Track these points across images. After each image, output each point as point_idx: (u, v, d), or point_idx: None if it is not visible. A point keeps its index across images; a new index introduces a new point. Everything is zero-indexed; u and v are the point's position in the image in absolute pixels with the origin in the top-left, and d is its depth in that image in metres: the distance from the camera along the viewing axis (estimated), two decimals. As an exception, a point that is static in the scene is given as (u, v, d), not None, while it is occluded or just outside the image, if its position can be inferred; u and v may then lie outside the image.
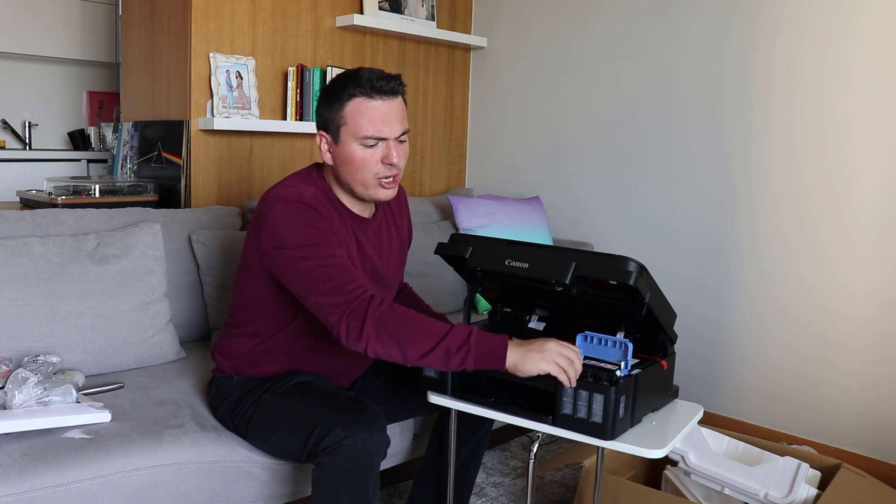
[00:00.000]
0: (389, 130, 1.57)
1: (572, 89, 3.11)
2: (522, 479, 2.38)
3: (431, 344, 1.39)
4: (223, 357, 1.74)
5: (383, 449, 1.50)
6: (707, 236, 2.74)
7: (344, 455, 1.43)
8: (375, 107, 1.55)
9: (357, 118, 1.55)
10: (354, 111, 1.55)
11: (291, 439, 1.57)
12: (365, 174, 1.58)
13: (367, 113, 1.55)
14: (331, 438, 1.45)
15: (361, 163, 1.57)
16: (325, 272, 1.47)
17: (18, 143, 4.28)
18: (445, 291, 2.72)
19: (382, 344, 1.41)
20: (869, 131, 2.36)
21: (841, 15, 2.39)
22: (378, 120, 1.55)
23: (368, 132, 1.55)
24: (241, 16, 2.68)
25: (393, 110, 1.57)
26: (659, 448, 1.37)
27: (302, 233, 1.52)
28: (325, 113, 1.60)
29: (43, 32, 4.07)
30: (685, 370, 2.61)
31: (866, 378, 2.41)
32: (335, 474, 1.44)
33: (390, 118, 1.56)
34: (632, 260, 1.38)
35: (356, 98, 1.55)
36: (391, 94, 1.57)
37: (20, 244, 1.89)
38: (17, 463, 1.45)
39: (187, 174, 2.62)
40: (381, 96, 1.55)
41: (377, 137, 1.56)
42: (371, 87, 1.54)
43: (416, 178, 3.38)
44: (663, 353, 1.53)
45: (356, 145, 1.56)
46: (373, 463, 1.47)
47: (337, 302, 1.44)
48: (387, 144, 1.58)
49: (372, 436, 1.46)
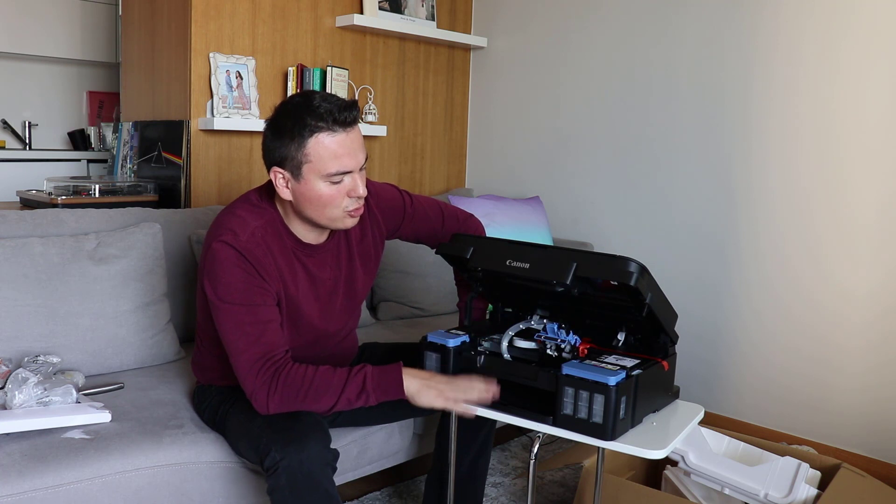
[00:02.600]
0: (354, 163, 1.50)
1: (572, 89, 3.11)
2: (522, 479, 2.38)
3: (333, 400, 1.48)
4: (197, 369, 1.79)
5: (327, 464, 1.47)
6: (707, 236, 2.74)
7: (284, 476, 1.43)
8: (339, 141, 1.47)
9: (322, 155, 1.46)
10: (318, 148, 1.46)
11: (248, 455, 1.60)
12: (333, 210, 1.52)
13: (332, 149, 1.47)
14: (269, 460, 1.44)
15: (329, 199, 1.50)
16: (240, 337, 1.49)
17: (18, 143, 4.28)
18: (445, 291, 2.72)
19: (289, 408, 1.49)
20: (869, 131, 2.36)
21: (841, 15, 2.39)
22: (344, 155, 1.48)
23: (335, 169, 1.48)
24: (241, 16, 2.68)
25: (356, 140, 1.51)
26: (659, 448, 1.37)
27: (227, 288, 1.50)
28: (280, 149, 1.49)
29: (43, 32, 4.07)
30: (685, 370, 2.61)
31: (866, 378, 2.41)
32: (282, 494, 1.44)
33: (354, 150, 1.50)
34: (633, 260, 1.38)
35: (319, 134, 1.46)
36: (352, 124, 1.50)
37: (20, 244, 1.88)
38: (17, 463, 1.45)
39: (187, 174, 2.62)
40: (343, 128, 1.47)
41: (343, 172, 1.49)
42: (333, 119, 1.46)
43: (416, 178, 3.38)
44: (664, 353, 1.53)
45: (322, 183, 1.49)
46: (316, 480, 1.44)
47: (245, 371, 1.49)
48: (352, 177, 1.51)
49: (308, 454, 1.43)
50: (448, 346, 1.56)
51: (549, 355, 1.56)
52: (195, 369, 1.80)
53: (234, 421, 1.64)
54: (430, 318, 2.70)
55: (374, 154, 3.21)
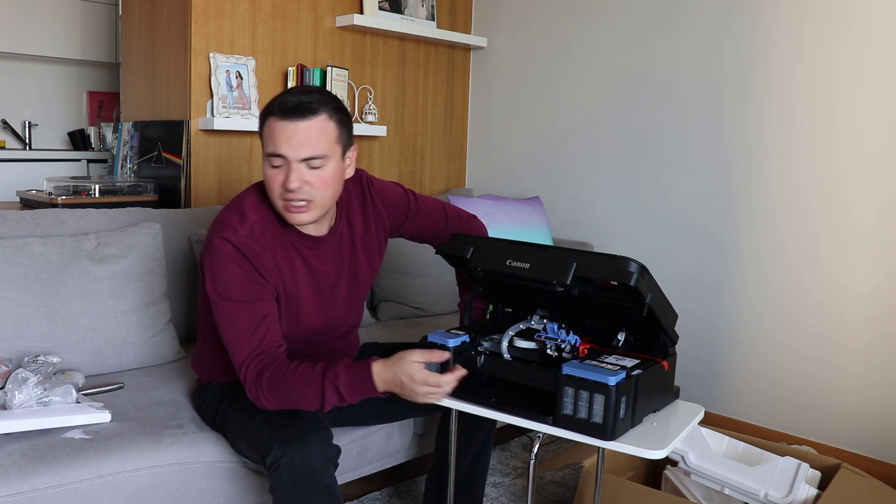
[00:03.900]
0: (290, 151, 1.49)
1: (572, 89, 3.11)
2: (522, 479, 2.38)
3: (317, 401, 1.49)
4: (198, 366, 1.80)
5: (329, 460, 1.48)
6: (707, 236, 2.74)
7: (286, 472, 1.44)
8: (280, 126, 1.50)
9: (265, 135, 1.54)
10: (266, 129, 1.54)
11: (250, 454, 1.60)
12: (273, 195, 1.55)
13: (272, 131, 1.51)
14: (271, 458, 1.45)
15: (269, 180, 1.54)
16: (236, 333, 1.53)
17: (18, 143, 4.28)
18: (445, 291, 2.72)
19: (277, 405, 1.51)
20: (869, 131, 2.36)
21: (841, 15, 2.39)
22: (280, 139, 1.50)
23: (269, 149, 1.52)
24: (241, 16, 2.68)
25: (301, 132, 1.49)
26: (659, 449, 1.37)
27: (225, 285, 1.53)
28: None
29: (43, 32, 4.07)
30: (685, 370, 2.61)
31: (866, 378, 2.41)
32: (284, 491, 1.45)
33: (296, 141, 1.49)
34: (633, 260, 1.38)
35: (269, 117, 1.53)
36: (301, 114, 1.49)
37: (20, 244, 1.88)
38: (17, 463, 1.45)
39: (187, 174, 2.62)
40: (287, 117, 1.49)
41: (276, 155, 1.51)
42: (281, 106, 1.51)
43: (416, 178, 3.39)
44: (664, 353, 1.53)
45: (265, 162, 1.55)
46: (318, 476, 1.45)
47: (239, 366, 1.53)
48: (287, 167, 1.51)
49: (310, 450, 1.44)
50: (448, 346, 1.56)
51: (549, 355, 1.56)
52: (196, 367, 1.81)
53: (234, 420, 1.64)
54: (430, 318, 2.70)
55: (374, 154, 3.21)
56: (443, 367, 1.55)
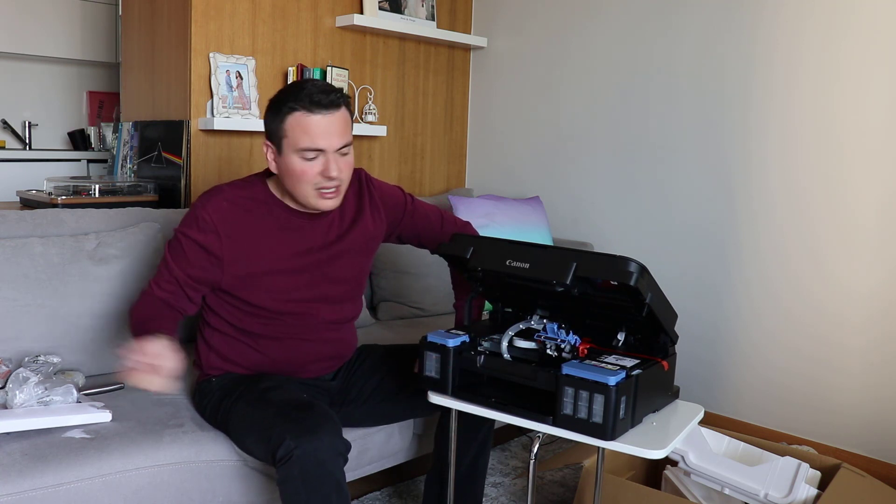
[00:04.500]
0: (327, 143, 1.59)
1: (572, 89, 3.11)
2: (522, 479, 2.38)
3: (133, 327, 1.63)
4: (199, 359, 1.81)
5: (339, 454, 1.49)
6: (707, 236, 2.74)
7: (298, 465, 1.44)
8: (314, 121, 1.58)
9: (296, 131, 1.58)
10: (294, 124, 1.58)
11: (257, 448, 1.60)
12: (305, 186, 1.63)
13: (306, 126, 1.58)
14: (283, 450, 1.46)
15: (301, 174, 1.61)
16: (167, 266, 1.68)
17: (18, 143, 4.28)
18: (445, 291, 2.71)
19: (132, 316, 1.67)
20: (869, 131, 2.36)
21: (841, 15, 2.39)
22: (316, 134, 1.58)
23: (306, 144, 1.58)
24: (241, 16, 2.68)
25: (333, 124, 1.60)
26: (659, 448, 1.37)
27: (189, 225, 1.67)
28: (269, 124, 1.64)
29: (43, 32, 4.07)
30: (685, 370, 2.61)
31: (866, 378, 2.41)
32: (294, 484, 1.46)
33: (329, 132, 1.59)
34: (633, 260, 1.38)
35: (296, 112, 1.58)
36: (330, 108, 1.59)
37: (20, 244, 1.88)
38: (18, 462, 1.45)
39: (187, 174, 2.62)
40: (319, 109, 1.58)
41: (315, 149, 1.59)
42: (310, 100, 1.57)
43: (416, 178, 3.39)
44: (664, 353, 1.53)
45: (296, 157, 1.60)
46: (328, 470, 1.46)
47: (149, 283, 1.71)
48: (325, 157, 1.60)
49: (321, 443, 1.46)
50: (448, 346, 1.56)
51: (549, 355, 1.56)
52: (196, 361, 1.82)
53: (239, 415, 1.64)
54: (430, 318, 2.70)
55: (375, 154, 3.21)
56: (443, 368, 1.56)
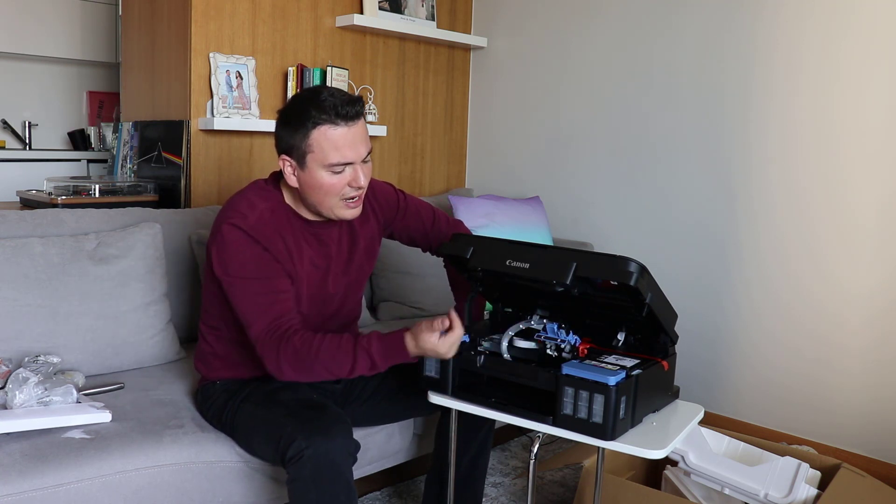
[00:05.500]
0: (356, 155, 1.57)
1: (572, 89, 3.11)
2: (522, 479, 2.38)
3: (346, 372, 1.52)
4: (202, 364, 1.80)
5: (350, 455, 1.50)
6: (707, 236, 2.74)
7: (309, 465, 1.45)
8: (341, 133, 1.54)
9: (323, 146, 1.54)
10: (320, 139, 1.54)
11: (265, 448, 1.61)
12: (332, 199, 1.60)
13: (334, 140, 1.54)
14: (294, 449, 1.46)
15: (329, 188, 1.58)
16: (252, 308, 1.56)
17: (18, 143, 4.28)
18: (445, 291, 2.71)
19: (299, 375, 1.54)
20: (869, 131, 2.36)
21: (841, 15, 2.39)
22: (345, 146, 1.55)
23: (335, 160, 1.55)
24: (241, 16, 2.68)
25: (358, 134, 1.57)
26: (659, 448, 1.37)
27: (240, 266, 1.57)
28: (287, 139, 1.58)
29: (43, 32, 4.07)
30: (685, 370, 2.61)
31: (866, 378, 2.41)
32: (304, 484, 1.46)
33: (356, 143, 1.56)
34: (633, 260, 1.38)
35: (321, 126, 1.53)
36: (355, 118, 1.56)
37: (20, 244, 1.88)
38: (18, 463, 1.45)
39: (187, 174, 2.62)
40: (345, 122, 1.54)
41: (345, 164, 1.56)
42: (336, 113, 1.53)
43: (416, 178, 3.39)
44: (664, 353, 1.53)
45: (323, 172, 1.56)
46: (339, 470, 1.47)
47: (256, 338, 1.56)
48: (353, 168, 1.58)
49: (333, 443, 1.47)
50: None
51: (549, 355, 1.56)
52: (199, 365, 1.80)
53: (247, 415, 1.64)
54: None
55: (375, 154, 3.21)
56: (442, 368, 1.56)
